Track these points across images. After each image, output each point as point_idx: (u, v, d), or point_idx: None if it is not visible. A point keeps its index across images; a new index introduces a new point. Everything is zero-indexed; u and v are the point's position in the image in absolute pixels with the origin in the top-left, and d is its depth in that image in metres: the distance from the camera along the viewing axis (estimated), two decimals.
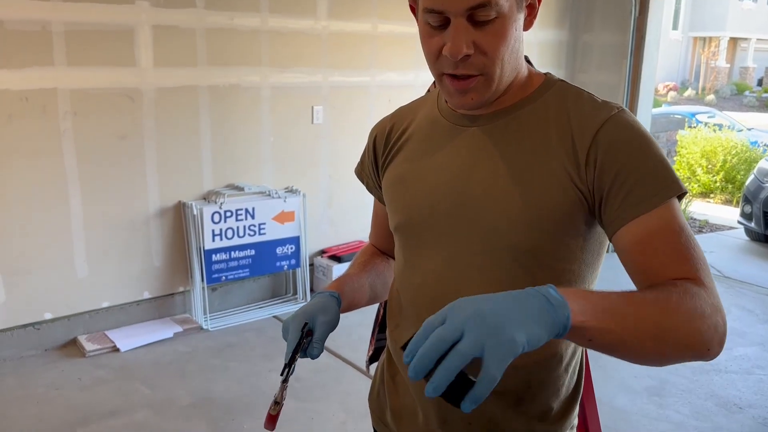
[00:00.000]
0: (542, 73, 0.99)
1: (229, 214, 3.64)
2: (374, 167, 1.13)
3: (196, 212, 3.54)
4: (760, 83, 23.50)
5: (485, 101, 0.92)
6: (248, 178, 3.86)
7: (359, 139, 4.12)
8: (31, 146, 3.13)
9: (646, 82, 4.85)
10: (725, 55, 23.84)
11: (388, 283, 1.18)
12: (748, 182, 6.17)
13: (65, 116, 3.19)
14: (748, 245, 6.00)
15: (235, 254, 3.72)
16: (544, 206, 0.89)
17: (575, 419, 1.05)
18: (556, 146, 0.90)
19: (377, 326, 1.32)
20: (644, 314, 0.76)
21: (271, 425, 0.96)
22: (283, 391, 0.97)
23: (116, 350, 3.34)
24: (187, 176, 3.64)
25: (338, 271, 4.01)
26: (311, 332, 0.98)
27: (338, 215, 4.28)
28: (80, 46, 3.16)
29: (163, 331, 3.52)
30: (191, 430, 2.69)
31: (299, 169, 4.05)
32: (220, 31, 3.59)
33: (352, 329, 3.02)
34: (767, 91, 21.53)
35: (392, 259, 1.21)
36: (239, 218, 3.68)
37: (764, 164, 6.27)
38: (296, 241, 3.93)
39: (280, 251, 3.88)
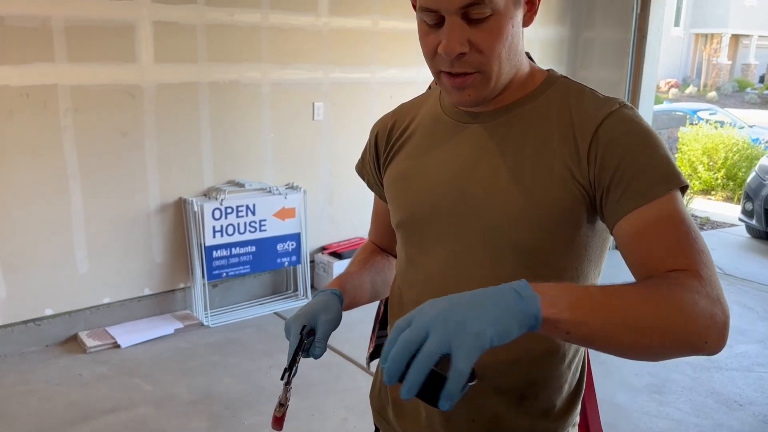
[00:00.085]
0: (545, 69, 0.99)
1: (229, 210, 3.64)
2: (375, 164, 1.13)
3: (196, 208, 3.54)
4: (761, 80, 23.44)
5: (483, 98, 0.92)
6: (249, 174, 3.86)
7: (360, 135, 4.12)
8: (31, 142, 3.13)
9: (647, 79, 4.84)
10: (727, 51, 23.78)
11: (388, 280, 1.18)
12: (749, 179, 6.17)
13: (66, 112, 3.19)
14: (749, 242, 6.00)
15: (235, 251, 3.72)
16: (545, 204, 0.89)
17: (577, 416, 1.05)
18: (557, 143, 0.90)
19: (378, 323, 1.31)
20: (626, 307, 0.74)
21: (278, 426, 0.96)
22: (286, 392, 0.96)
23: (117, 346, 3.34)
24: (187, 172, 3.63)
25: (339, 267, 4.01)
26: (313, 332, 0.97)
27: (339, 212, 4.28)
28: (81, 42, 3.16)
29: (163, 327, 3.53)
30: (192, 426, 2.69)
31: (300, 165, 4.05)
32: (220, 27, 3.58)
33: (352, 326, 3.01)
34: None
35: (392, 256, 1.20)
36: (240, 215, 3.68)
37: (765, 161, 6.27)
38: (297, 237, 3.93)
39: (280, 248, 3.88)
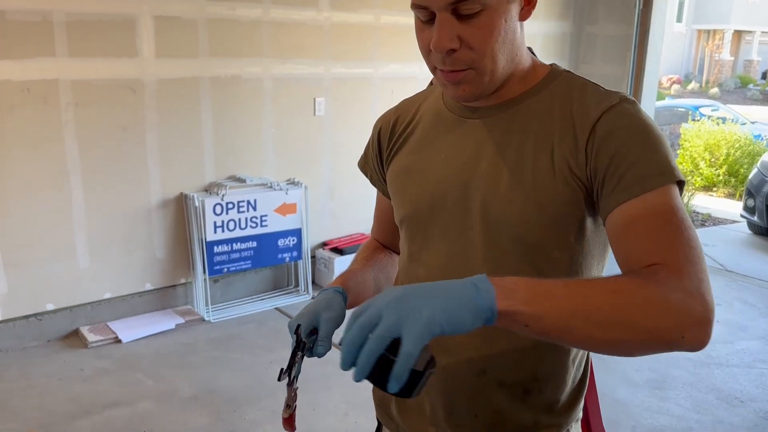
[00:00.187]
0: (548, 64, 0.98)
1: (230, 205, 3.63)
2: (378, 160, 1.12)
3: (197, 204, 3.54)
4: (764, 76, 23.39)
5: (480, 93, 0.91)
6: (250, 169, 3.86)
7: (361, 131, 4.11)
8: (33, 137, 3.12)
9: (649, 74, 4.83)
10: (729, 48, 23.71)
11: (391, 277, 1.18)
12: (751, 176, 6.16)
13: (67, 107, 3.18)
14: (750, 239, 5.99)
15: (236, 246, 3.72)
16: (545, 199, 0.89)
17: (581, 412, 1.05)
18: (558, 138, 0.89)
19: None
20: (589, 301, 0.73)
21: (288, 427, 0.96)
22: (290, 393, 0.95)
23: (118, 341, 3.34)
24: (188, 168, 3.63)
25: (340, 263, 4.01)
26: (315, 330, 0.95)
27: (340, 207, 4.27)
28: (82, 36, 3.15)
29: (165, 322, 3.53)
30: (193, 421, 2.69)
31: (301, 160, 4.05)
32: (221, 21, 3.57)
33: None
34: None
35: (395, 253, 1.20)
36: (241, 210, 3.68)
37: (767, 158, 6.25)
38: (298, 233, 3.93)
39: (281, 243, 3.88)
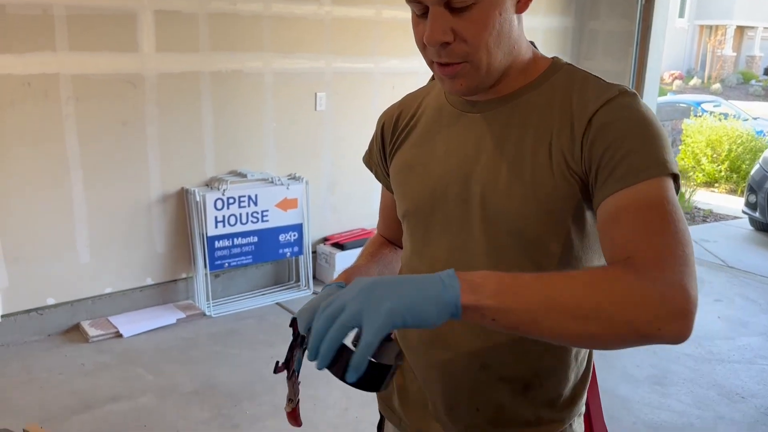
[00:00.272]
0: (549, 57, 0.97)
1: (231, 200, 3.63)
2: (382, 155, 1.12)
3: (198, 198, 3.54)
4: (766, 72, 23.31)
5: (477, 86, 0.91)
6: (251, 164, 3.85)
7: (362, 125, 4.11)
8: (33, 132, 3.12)
9: (651, 70, 4.82)
10: (731, 43, 23.63)
11: (396, 272, 1.17)
12: (753, 172, 6.15)
13: (67, 101, 3.18)
14: (752, 235, 5.98)
15: (237, 241, 3.72)
16: (544, 193, 0.88)
17: (583, 407, 1.05)
18: (557, 131, 0.89)
19: None
20: (557, 294, 0.73)
21: (293, 422, 0.96)
22: (291, 387, 0.95)
23: (119, 336, 3.35)
24: (189, 162, 3.63)
25: (341, 258, 4.01)
26: None
27: (341, 202, 4.27)
28: (82, 30, 3.14)
29: (165, 317, 3.53)
30: (193, 415, 2.70)
31: (302, 155, 4.04)
32: (222, 16, 3.56)
33: None
34: None
35: (400, 248, 1.20)
36: (242, 205, 3.68)
37: None
38: (299, 228, 3.93)
39: (282, 238, 3.88)
